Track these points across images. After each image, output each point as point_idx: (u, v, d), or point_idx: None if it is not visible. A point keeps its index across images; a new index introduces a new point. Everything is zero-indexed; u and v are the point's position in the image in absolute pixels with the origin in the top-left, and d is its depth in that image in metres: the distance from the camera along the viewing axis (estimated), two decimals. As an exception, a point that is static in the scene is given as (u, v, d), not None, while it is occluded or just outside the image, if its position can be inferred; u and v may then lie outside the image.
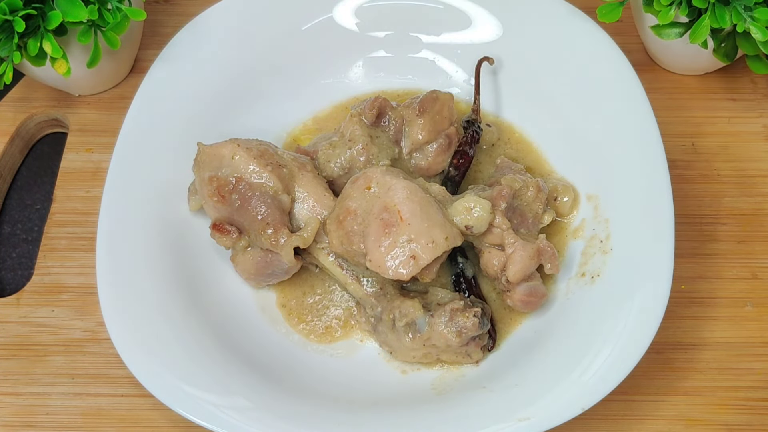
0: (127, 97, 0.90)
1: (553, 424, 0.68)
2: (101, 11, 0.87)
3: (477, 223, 0.75)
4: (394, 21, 0.97)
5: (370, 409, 0.73)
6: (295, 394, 0.74)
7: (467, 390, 0.75)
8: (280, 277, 0.82)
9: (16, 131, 0.97)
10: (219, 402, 0.71)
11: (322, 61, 0.96)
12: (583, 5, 0.93)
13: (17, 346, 0.82)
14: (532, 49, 0.92)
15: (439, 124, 0.85)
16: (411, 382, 0.77)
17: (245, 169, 0.79)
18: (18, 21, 0.82)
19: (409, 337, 0.75)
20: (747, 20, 0.82)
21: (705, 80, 0.99)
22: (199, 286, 0.81)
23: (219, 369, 0.74)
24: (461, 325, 0.73)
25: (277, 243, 0.77)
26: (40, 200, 0.96)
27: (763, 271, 0.85)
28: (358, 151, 0.82)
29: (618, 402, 0.77)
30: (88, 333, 0.83)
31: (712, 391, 0.78)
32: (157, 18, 1.05)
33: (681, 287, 0.83)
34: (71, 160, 0.94)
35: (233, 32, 0.94)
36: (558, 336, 0.76)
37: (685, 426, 0.77)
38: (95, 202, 0.84)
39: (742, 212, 0.89)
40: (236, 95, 0.93)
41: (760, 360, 0.80)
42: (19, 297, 0.85)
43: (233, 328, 0.80)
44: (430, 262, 0.72)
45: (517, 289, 0.77)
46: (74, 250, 0.88)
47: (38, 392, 0.79)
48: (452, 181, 0.86)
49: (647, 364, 0.74)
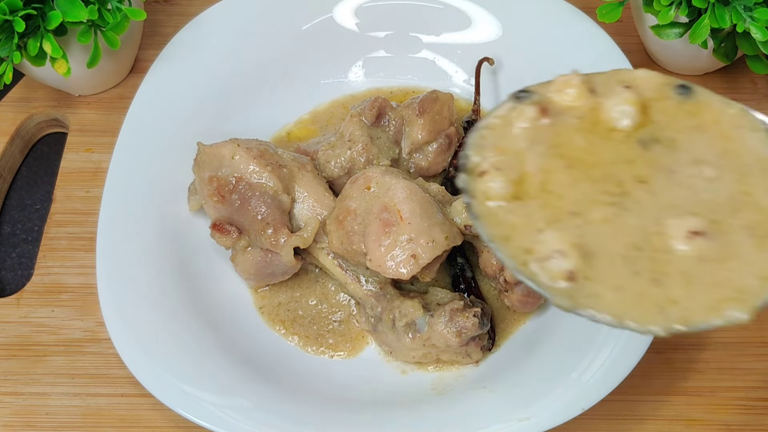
0: (127, 97, 0.90)
1: (553, 424, 0.68)
2: (101, 11, 0.87)
3: (477, 223, 0.75)
4: (394, 21, 0.97)
5: (370, 409, 0.73)
6: (295, 394, 0.74)
7: (467, 390, 0.75)
8: (280, 277, 0.82)
9: (16, 131, 0.97)
10: (219, 402, 0.71)
11: (322, 61, 0.96)
12: (583, 5, 0.93)
13: (17, 346, 0.82)
14: (532, 49, 0.92)
15: (439, 124, 0.85)
16: (411, 382, 0.77)
17: (245, 169, 0.79)
18: (18, 21, 0.82)
19: (409, 337, 0.75)
20: (747, 20, 0.82)
21: (705, 80, 0.99)
22: (199, 286, 0.81)
23: (219, 369, 0.74)
24: (461, 325, 0.73)
25: (277, 243, 0.77)
26: (40, 200, 0.96)
27: (762, 271, 0.85)
28: (358, 152, 0.82)
29: (618, 402, 0.76)
30: (88, 333, 0.83)
31: (711, 391, 0.78)
32: (157, 18, 1.05)
33: (681, 287, 0.83)
34: (71, 160, 0.94)
35: (233, 32, 0.94)
36: (558, 336, 0.76)
37: (685, 426, 0.77)
38: (95, 202, 0.84)
39: (742, 212, 0.89)
40: (236, 95, 0.93)
41: (760, 360, 0.80)
42: (19, 297, 0.85)
43: (233, 328, 0.80)
44: (430, 261, 0.73)
45: (515, 289, 0.77)
46: (74, 250, 0.88)
47: (38, 392, 0.79)
48: (452, 181, 0.86)
49: (647, 364, 0.74)
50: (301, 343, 0.81)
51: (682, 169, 0.52)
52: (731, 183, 0.51)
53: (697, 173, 0.52)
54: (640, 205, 0.51)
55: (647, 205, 0.51)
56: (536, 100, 0.58)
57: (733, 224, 0.49)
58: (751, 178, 0.52)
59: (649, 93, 0.56)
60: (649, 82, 0.57)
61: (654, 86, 0.57)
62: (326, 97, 0.96)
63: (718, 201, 0.50)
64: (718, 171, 0.51)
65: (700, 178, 0.52)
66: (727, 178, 0.51)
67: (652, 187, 0.52)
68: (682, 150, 0.53)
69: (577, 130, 0.56)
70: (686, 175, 0.52)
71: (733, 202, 0.51)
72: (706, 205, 0.50)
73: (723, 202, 0.50)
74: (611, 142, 0.55)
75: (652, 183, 0.52)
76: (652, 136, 0.54)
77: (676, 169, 0.52)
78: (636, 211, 0.51)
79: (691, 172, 0.51)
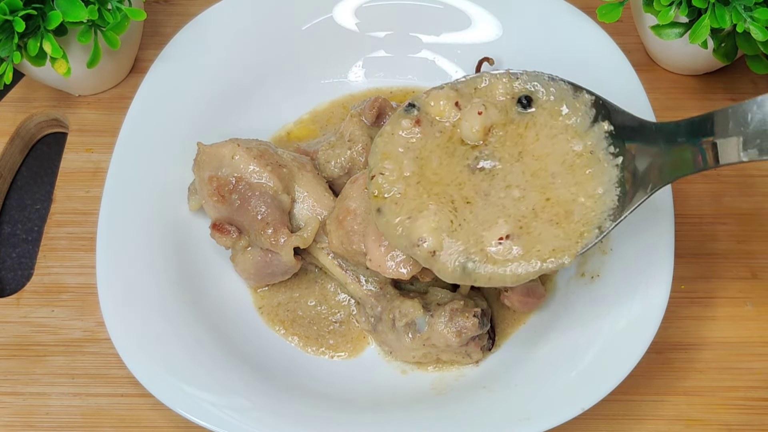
0: (127, 97, 0.90)
1: (553, 424, 0.68)
2: (101, 11, 0.87)
3: (477, 223, 0.75)
4: (394, 21, 0.97)
5: (370, 409, 0.73)
6: (295, 394, 0.74)
7: (467, 390, 0.75)
8: (280, 277, 0.82)
9: (16, 131, 0.97)
10: (219, 402, 0.71)
11: (322, 61, 0.96)
12: (583, 5, 0.93)
13: (17, 346, 0.82)
14: (532, 49, 0.92)
15: (439, 124, 0.85)
16: (411, 382, 0.77)
17: (245, 169, 0.79)
18: (18, 21, 0.82)
19: (409, 337, 0.75)
20: (747, 20, 0.82)
21: (705, 80, 0.99)
22: (199, 286, 0.81)
23: (219, 369, 0.74)
24: (461, 325, 0.73)
25: (277, 243, 0.77)
26: (40, 200, 0.96)
27: (762, 271, 0.85)
28: (358, 152, 0.82)
29: (618, 402, 0.77)
30: (88, 333, 0.83)
31: (712, 391, 0.78)
32: (157, 18, 1.05)
33: (681, 287, 0.83)
34: (71, 160, 0.95)
35: (233, 32, 0.94)
36: (558, 336, 0.76)
37: (685, 426, 0.77)
38: (95, 202, 0.84)
39: (741, 212, 0.89)
40: (236, 95, 0.93)
41: (760, 360, 0.80)
42: (19, 297, 0.85)
43: (233, 328, 0.80)
44: (430, 262, 0.73)
45: (515, 289, 0.77)
46: (74, 250, 0.88)
47: (38, 392, 0.79)
48: (452, 181, 0.86)
49: (647, 364, 0.74)
50: (301, 343, 0.81)
51: (495, 193, 0.69)
52: (536, 197, 0.68)
53: (507, 195, 0.68)
54: (467, 221, 0.68)
55: (470, 221, 0.68)
56: (417, 113, 0.72)
57: (536, 224, 0.67)
58: (556, 180, 0.68)
59: (495, 113, 0.71)
60: (493, 91, 0.72)
61: (499, 95, 0.72)
62: (326, 97, 0.96)
63: (523, 212, 0.67)
64: (523, 192, 0.68)
65: (510, 198, 0.68)
66: (531, 196, 0.68)
67: (473, 207, 0.68)
68: (498, 178, 0.69)
69: (437, 144, 0.71)
70: (498, 197, 0.68)
71: (535, 210, 0.67)
72: (513, 217, 0.67)
73: (527, 212, 0.67)
74: (455, 159, 0.70)
75: (473, 204, 0.69)
76: (480, 163, 0.70)
77: (490, 192, 0.69)
78: (464, 225, 0.68)
79: (502, 194, 0.68)
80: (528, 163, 0.69)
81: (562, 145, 0.69)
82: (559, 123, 0.70)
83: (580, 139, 0.69)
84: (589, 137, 0.69)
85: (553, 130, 0.70)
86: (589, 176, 0.67)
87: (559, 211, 0.67)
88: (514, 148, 0.70)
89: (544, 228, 0.66)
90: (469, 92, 0.72)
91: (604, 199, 0.66)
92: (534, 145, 0.70)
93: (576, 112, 0.70)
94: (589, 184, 0.67)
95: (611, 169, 0.67)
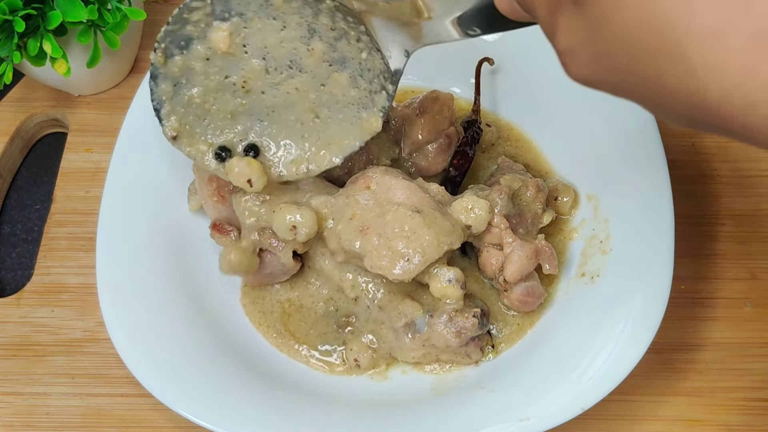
0: (127, 97, 0.90)
1: (553, 424, 0.68)
2: (101, 11, 0.87)
3: (476, 222, 0.75)
4: (394, 21, 0.97)
5: (370, 410, 0.73)
6: (295, 394, 0.74)
7: (467, 390, 0.75)
8: (279, 277, 0.82)
9: (16, 131, 0.97)
10: (218, 402, 0.71)
11: (322, 61, 0.96)
12: (583, 5, 0.93)
13: (17, 346, 0.82)
14: (532, 48, 0.92)
15: (439, 124, 0.85)
16: (411, 382, 0.77)
17: (245, 169, 0.79)
18: (18, 21, 0.82)
19: (409, 337, 0.75)
20: None
21: (705, 80, 0.99)
22: (198, 286, 0.81)
23: (219, 369, 0.74)
24: (461, 325, 0.73)
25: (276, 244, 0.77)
26: (40, 200, 0.96)
27: (762, 272, 0.85)
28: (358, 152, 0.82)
29: (618, 402, 0.77)
30: (88, 333, 0.83)
31: (712, 392, 0.78)
32: (157, 18, 1.05)
33: (681, 287, 0.83)
34: (71, 160, 0.95)
35: (233, 32, 0.94)
36: (558, 336, 0.76)
37: (685, 426, 0.77)
38: (95, 202, 0.84)
39: (741, 212, 0.89)
40: (236, 95, 0.92)
41: (760, 360, 0.80)
42: (19, 297, 0.85)
43: (233, 328, 0.80)
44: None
45: (514, 289, 0.77)
46: (74, 250, 0.88)
47: (38, 392, 0.79)
48: (452, 182, 0.86)
49: (647, 364, 0.74)
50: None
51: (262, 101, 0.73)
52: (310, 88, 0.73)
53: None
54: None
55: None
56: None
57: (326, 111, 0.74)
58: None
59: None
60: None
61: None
62: (326, 97, 0.96)
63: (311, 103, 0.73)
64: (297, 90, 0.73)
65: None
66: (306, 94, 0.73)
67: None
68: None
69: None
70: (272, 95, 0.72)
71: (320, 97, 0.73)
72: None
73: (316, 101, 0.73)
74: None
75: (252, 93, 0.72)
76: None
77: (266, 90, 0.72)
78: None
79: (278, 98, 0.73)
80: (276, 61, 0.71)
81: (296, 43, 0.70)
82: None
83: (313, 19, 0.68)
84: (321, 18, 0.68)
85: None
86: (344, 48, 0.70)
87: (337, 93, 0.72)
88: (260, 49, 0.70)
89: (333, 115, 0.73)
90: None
91: (374, 62, 0.71)
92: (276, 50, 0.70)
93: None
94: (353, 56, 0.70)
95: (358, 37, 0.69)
